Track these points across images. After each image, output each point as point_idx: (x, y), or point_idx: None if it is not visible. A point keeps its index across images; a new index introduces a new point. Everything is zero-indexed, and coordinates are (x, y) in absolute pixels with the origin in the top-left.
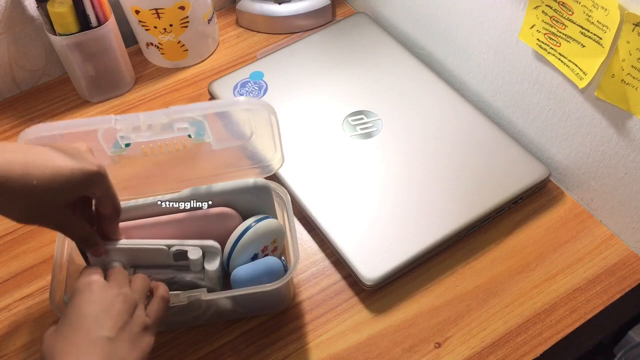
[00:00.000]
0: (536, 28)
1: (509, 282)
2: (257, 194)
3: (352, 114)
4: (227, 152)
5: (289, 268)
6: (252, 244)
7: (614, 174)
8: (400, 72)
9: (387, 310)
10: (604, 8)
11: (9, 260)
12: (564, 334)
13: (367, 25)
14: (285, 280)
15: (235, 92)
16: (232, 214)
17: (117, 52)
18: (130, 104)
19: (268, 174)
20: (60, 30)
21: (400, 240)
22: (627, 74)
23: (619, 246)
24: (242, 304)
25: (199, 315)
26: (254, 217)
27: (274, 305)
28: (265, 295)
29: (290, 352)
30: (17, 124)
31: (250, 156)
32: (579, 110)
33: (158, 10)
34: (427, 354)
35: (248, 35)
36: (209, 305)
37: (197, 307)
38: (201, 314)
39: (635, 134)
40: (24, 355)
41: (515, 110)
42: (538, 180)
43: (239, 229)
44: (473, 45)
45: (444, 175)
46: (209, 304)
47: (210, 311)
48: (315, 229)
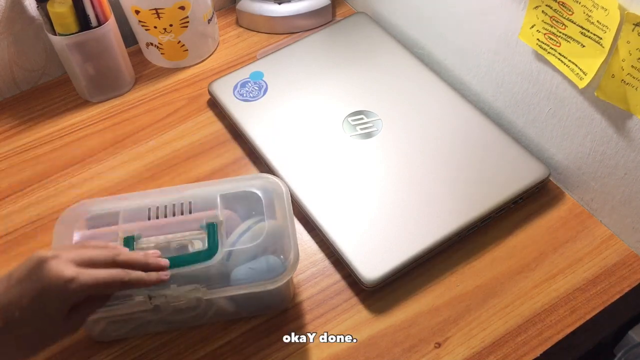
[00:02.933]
0: (536, 28)
1: (509, 282)
2: (256, 195)
3: (352, 114)
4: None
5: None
6: (251, 245)
7: (614, 174)
8: (400, 72)
9: (387, 310)
10: (604, 8)
11: (9, 260)
12: (564, 334)
13: (367, 25)
14: (286, 279)
15: (235, 92)
16: (231, 216)
17: (117, 52)
18: (130, 104)
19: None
20: (60, 30)
21: (400, 240)
22: (627, 74)
23: (619, 246)
24: (241, 303)
25: (199, 315)
26: (253, 219)
27: (274, 305)
28: (266, 294)
29: (291, 352)
30: (17, 124)
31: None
32: (578, 110)
33: (158, 10)
34: (427, 354)
35: (248, 35)
36: (209, 304)
37: (196, 305)
38: (201, 314)
39: (635, 134)
40: None
41: (515, 110)
42: (538, 180)
43: (237, 230)
44: (473, 45)
45: (444, 175)
46: (209, 303)
47: (210, 311)
48: (315, 229)
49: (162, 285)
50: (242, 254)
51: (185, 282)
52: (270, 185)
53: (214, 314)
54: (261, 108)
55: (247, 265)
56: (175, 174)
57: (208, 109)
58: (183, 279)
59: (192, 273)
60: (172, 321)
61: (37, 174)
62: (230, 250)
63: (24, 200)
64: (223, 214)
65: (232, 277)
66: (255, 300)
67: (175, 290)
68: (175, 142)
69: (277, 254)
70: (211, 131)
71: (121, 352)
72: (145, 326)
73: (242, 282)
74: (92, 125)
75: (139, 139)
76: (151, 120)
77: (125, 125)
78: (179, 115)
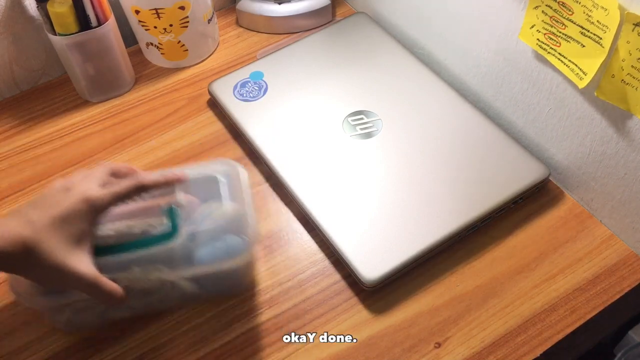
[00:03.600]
0: (536, 28)
1: (509, 282)
2: (216, 179)
3: (352, 114)
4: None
5: (248, 245)
6: (213, 227)
7: (614, 174)
8: (400, 72)
9: (387, 310)
10: (604, 8)
11: None
12: (564, 334)
13: (367, 25)
14: (247, 258)
15: (235, 92)
16: (192, 200)
17: (117, 52)
18: (130, 104)
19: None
20: (60, 30)
21: (400, 240)
22: (627, 74)
23: (619, 246)
24: (204, 284)
25: (163, 298)
26: (213, 202)
27: (236, 286)
28: (228, 274)
29: (291, 352)
30: (17, 124)
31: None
32: (578, 110)
33: (158, 10)
34: (427, 354)
35: (248, 35)
36: (172, 287)
37: (159, 288)
38: (165, 297)
39: (635, 134)
40: (24, 355)
41: (515, 110)
42: (538, 180)
43: (198, 213)
44: (473, 45)
45: (444, 175)
46: (173, 286)
47: (174, 294)
48: (315, 229)
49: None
50: (204, 235)
51: (148, 264)
52: (229, 169)
53: (179, 297)
54: (261, 108)
55: (209, 246)
56: None
57: (208, 109)
58: (146, 262)
59: (155, 256)
60: (136, 306)
61: (37, 174)
62: (192, 232)
63: (24, 200)
64: (184, 198)
65: (195, 259)
66: (218, 280)
67: (138, 273)
68: (175, 142)
69: (238, 234)
70: (211, 131)
71: (121, 352)
72: (111, 313)
73: (204, 262)
74: (92, 125)
75: (139, 139)
76: (151, 120)
77: (125, 125)
78: (179, 115)
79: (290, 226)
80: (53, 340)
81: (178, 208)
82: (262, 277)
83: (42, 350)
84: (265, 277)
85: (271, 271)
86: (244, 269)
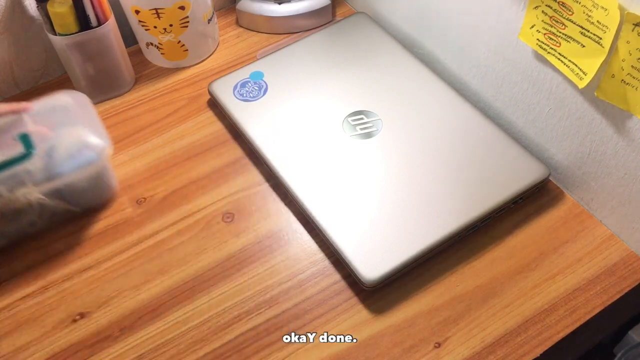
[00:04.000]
0: (536, 28)
1: (509, 282)
2: (62, 107)
3: (352, 114)
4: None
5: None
6: (67, 144)
7: (614, 174)
8: (400, 72)
9: (387, 310)
10: (604, 8)
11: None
12: (564, 334)
13: (367, 25)
14: (101, 165)
15: (235, 92)
16: (42, 129)
17: (117, 52)
18: (130, 103)
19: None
20: (60, 30)
21: (400, 240)
22: (627, 74)
23: (619, 246)
24: (69, 197)
25: (34, 221)
26: (64, 127)
27: (98, 196)
28: (88, 184)
29: (291, 352)
30: None
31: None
32: (578, 110)
33: (158, 10)
34: (427, 354)
35: (248, 35)
36: (40, 207)
37: (27, 210)
38: (35, 219)
39: (635, 134)
40: (23, 355)
41: (515, 110)
42: (538, 180)
43: (52, 136)
44: (473, 45)
45: (444, 175)
46: (40, 207)
47: (44, 214)
48: (315, 229)
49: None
50: (60, 153)
51: (12, 183)
52: (73, 96)
53: (49, 217)
54: (261, 108)
55: (65, 162)
56: (175, 174)
57: (208, 109)
58: (9, 183)
59: (17, 175)
60: (8, 233)
61: None
62: (48, 149)
63: None
64: (34, 127)
65: (54, 174)
66: (82, 192)
67: (3, 191)
68: (175, 142)
69: (91, 149)
70: (211, 131)
71: (121, 351)
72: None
73: (64, 175)
74: None
75: (139, 139)
76: (151, 120)
77: (125, 125)
78: (179, 115)
79: (290, 226)
80: (53, 340)
81: (30, 134)
82: (262, 277)
83: (42, 350)
84: (265, 277)
85: (271, 271)
86: (101, 177)
